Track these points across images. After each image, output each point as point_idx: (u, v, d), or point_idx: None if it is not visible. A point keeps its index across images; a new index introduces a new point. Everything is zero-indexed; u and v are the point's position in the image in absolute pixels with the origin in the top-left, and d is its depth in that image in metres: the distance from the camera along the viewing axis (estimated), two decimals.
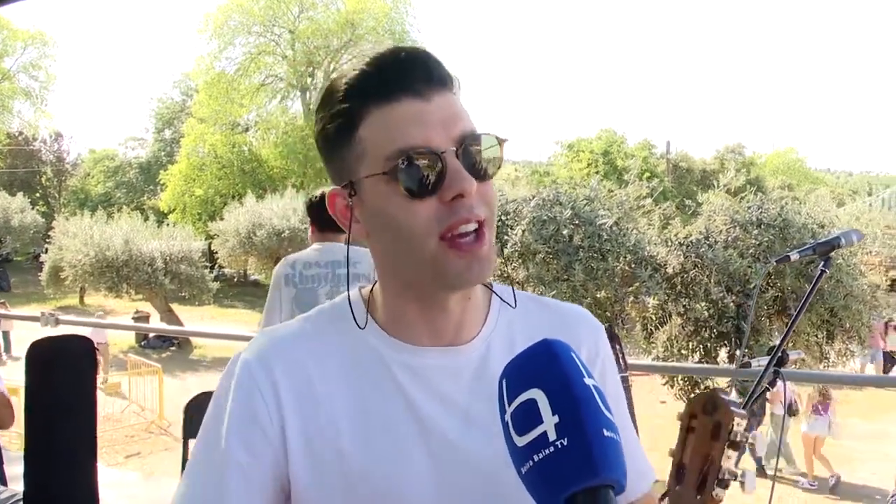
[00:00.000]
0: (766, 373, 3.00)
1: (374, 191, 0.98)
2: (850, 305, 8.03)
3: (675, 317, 8.21)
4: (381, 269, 1.07)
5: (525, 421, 0.76)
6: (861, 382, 10.69)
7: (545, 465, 0.73)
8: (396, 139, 0.95)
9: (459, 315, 1.06)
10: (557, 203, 8.29)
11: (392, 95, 0.96)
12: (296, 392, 1.01)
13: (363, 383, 1.03)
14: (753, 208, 8.57)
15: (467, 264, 0.96)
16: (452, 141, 0.96)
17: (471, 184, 0.94)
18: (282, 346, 1.06)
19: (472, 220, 0.96)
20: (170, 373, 15.82)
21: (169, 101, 45.99)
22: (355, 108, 0.98)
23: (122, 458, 10.99)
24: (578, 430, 0.73)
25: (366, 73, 0.98)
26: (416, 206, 0.95)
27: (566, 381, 0.77)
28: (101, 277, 20.59)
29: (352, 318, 1.07)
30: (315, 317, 1.12)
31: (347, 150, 1.00)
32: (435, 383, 1.03)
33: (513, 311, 1.13)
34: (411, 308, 1.05)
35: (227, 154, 36.09)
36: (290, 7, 36.67)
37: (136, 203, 40.59)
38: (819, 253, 3.07)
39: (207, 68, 37.03)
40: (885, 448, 12.01)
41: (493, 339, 1.09)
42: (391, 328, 1.06)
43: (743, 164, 36.06)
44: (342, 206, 1.04)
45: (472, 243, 0.97)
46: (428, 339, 1.05)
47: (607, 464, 0.73)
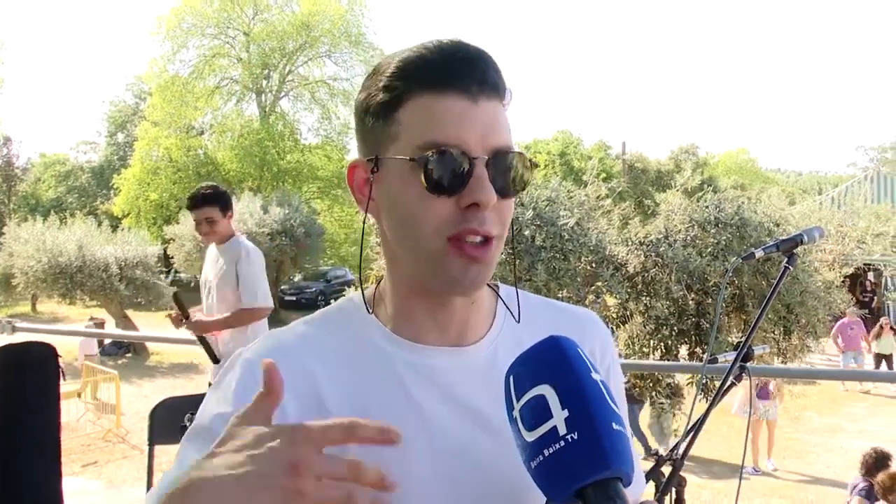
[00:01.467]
0: (733, 368, 3.08)
1: (397, 174, 0.97)
2: (807, 302, 8.20)
3: (636, 315, 8.31)
4: (390, 258, 1.06)
5: (535, 416, 0.78)
6: (823, 376, 10.93)
7: (556, 458, 0.75)
8: (433, 131, 0.94)
9: (465, 315, 1.06)
10: (519, 204, 8.33)
11: (441, 87, 0.95)
12: (299, 395, 0.99)
13: (368, 384, 1.02)
14: (711, 208, 8.70)
15: (465, 267, 0.96)
16: (486, 150, 0.95)
17: (490, 196, 0.93)
18: (285, 348, 1.04)
19: (480, 233, 0.95)
20: (126, 379, 15.56)
21: (122, 105, 45.41)
22: (402, 89, 0.97)
23: (78, 467, 10.78)
24: (588, 423, 0.75)
25: (424, 57, 0.97)
26: (432, 202, 0.94)
27: (575, 376, 0.79)
28: (55, 284, 20.16)
29: (356, 318, 1.08)
30: (319, 319, 1.11)
31: (383, 127, 0.99)
32: (441, 383, 1.02)
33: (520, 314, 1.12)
34: (417, 305, 1.04)
35: (182, 157, 35.64)
36: (245, 9, 36.32)
37: (89, 208, 40.00)
38: (783, 250, 3.15)
39: (161, 71, 36.53)
40: (839, 441, 12.26)
41: (500, 342, 1.08)
42: (397, 326, 1.06)
43: (697, 164, 36.61)
44: (362, 178, 1.03)
45: (476, 248, 0.96)
46: (434, 339, 1.05)
47: (617, 456, 0.75)
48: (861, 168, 46.60)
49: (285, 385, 0.96)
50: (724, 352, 3.26)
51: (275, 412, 0.95)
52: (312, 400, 1.00)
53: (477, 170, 0.94)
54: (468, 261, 0.95)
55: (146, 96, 40.86)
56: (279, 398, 0.81)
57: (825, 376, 10.70)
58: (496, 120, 0.97)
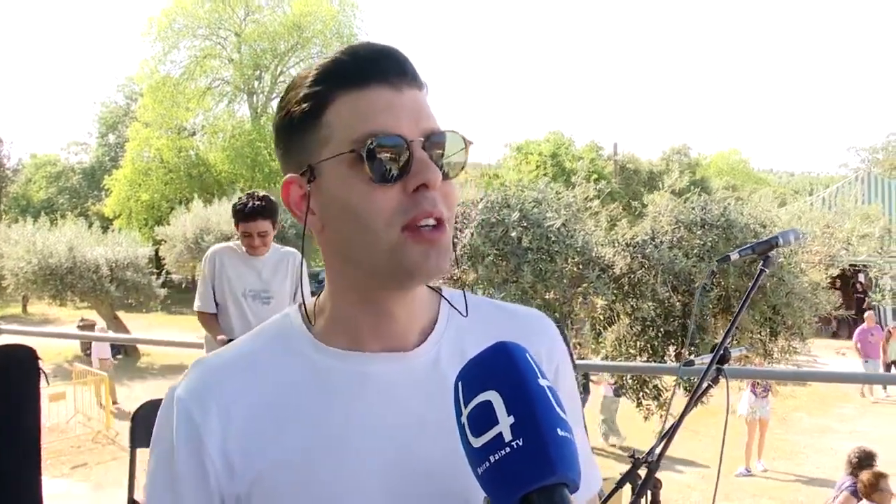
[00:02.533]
0: (708, 370, 3.08)
1: (336, 175, 0.96)
2: (792, 303, 8.20)
3: (622, 317, 8.31)
4: (332, 268, 1.04)
5: (481, 422, 0.78)
6: (804, 378, 10.95)
7: (501, 465, 0.75)
8: (365, 123, 0.94)
9: (406, 319, 1.04)
10: (506, 205, 8.33)
11: (364, 82, 0.95)
12: (238, 424, 0.97)
13: (306, 401, 0.99)
14: (697, 209, 8.71)
15: (425, 252, 0.94)
16: (420, 133, 0.95)
17: (436, 174, 0.94)
18: (218, 377, 1.01)
19: (433, 214, 0.94)
20: (117, 381, 15.52)
21: (113, 106, 45.30)
22: (324, 92, 0.96)
23: (67, 469, 10.75)
24: (534, 430, 0.75)
25: (339, 59, 0.97)
26: (378, 193, 0.93)
27: (521, 382, 0.79)
28: (45, 285, 20.08)
29: (292, 334, 1.06)
30: (253, 338, 1.08)
31: (311, 134, 0.98)
32: (381, 391, 1.00)
33: (465, 317, 1.10)
34: (356, 312, 1.02)
35: (174, 158, 35.61)
36: (236, 10, 36.31)
37: (80, 209, 39.85)
38: (758, 252, 3.16)
39: (152, 72, 36.49)
40: (829, 442, 12.30)
41: (443, 344, 1.06)
42: (336, 336, 1.03)
43: (688, 165, 36.68)
44: (298, 195, 1.01)
45: (432, 231, 0.95)
46: (375, 345, 1.03)
47: (562, 462, 0.75)
48: (853, 169, 46.71)
49: (220, 417, 0.97)
50: (709, 353, 3.25)
51: (212, 453, 0.96)
52: (252, 426, 0.98)
53: (417, 152, 0.94)
54: (427, 246, 0.94)
55: (137, 97, 40.79)
56: None
57: (806, 378, 10.71)
58: (422, 105, 0.98)
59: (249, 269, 4.89)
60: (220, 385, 1.00)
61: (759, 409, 10.82)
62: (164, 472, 0.99)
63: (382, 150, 0.92)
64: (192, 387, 1.01)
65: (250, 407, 0.98)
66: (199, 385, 1.00)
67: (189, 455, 0.97)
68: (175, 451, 0.98)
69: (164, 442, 1.00)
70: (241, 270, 4.89)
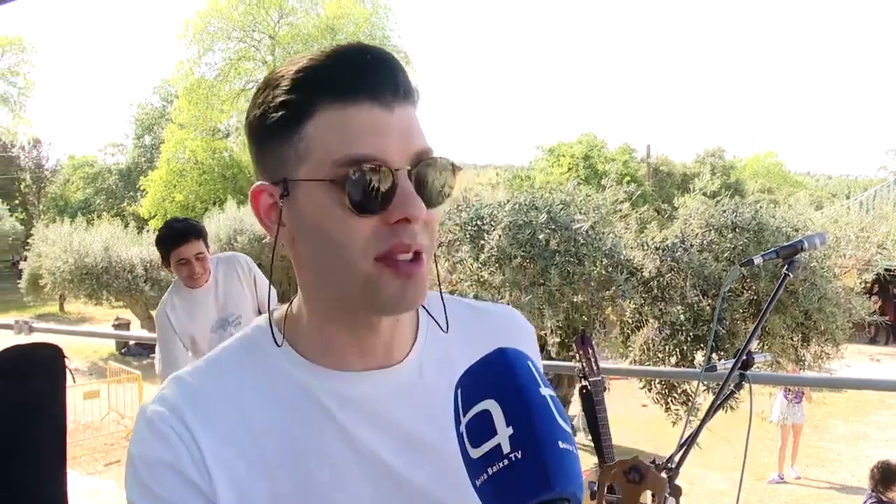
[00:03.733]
0: (730, 375, 3.04)
1: (312, 197, 0.89)
2: (825, 308, 8.06)
3: (651, 320, 8.23)
4: (305, 282, 0.98)
5: (479, 432, 0.75)
6: (831, 385, 10.78)
7: (499, 478, 0.72)
8: (350, 146, 0.86)
9: (390, 334, 1.00)
10: (533, 208, 8.29)
11: (352, 97, 0.87)
12: (218, 444, 0.92)
13: (290, 420, 0.95)
14: (728, 212, 8.61)
15: (401, 287, 0.90)
16: (408, 158, 0.89)
17: (420, 210, 0.88)
18: (194, 395, 0.95)
19: (412, 248, 0.89)
20: (150, 380, 15.67)
21: (149, 107, 45.88)
22: (305, 101, 0.88)
23: (101, 466, 10.90)
24: (533, 442, 0.72)
25: (324, 65, 0.89)
26: (356, 222, 0.87)
27: (520, 391, 0.76)
28: (81, 285, 20.37)
29: (268, 350, 0.99)
30: (228, 355, 1.01)
31: (287, 145, 0.90)
32: (369, 409, 0.97)
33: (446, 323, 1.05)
34: (337, 329, 0.97)
35: (208, 160, 35.94)
36: (270, 13, 36.54)
37: (116, 209, 40.45)
38: (782, 256, 3.12)
39: (187, 74, 36.84)
40: (864, 450, 12.12)
41: (425, 356, 1.03)
42: (314, 353, 0.98)
43: (723, 167, 36.30)
44: (268, 204, 0.94)
45: (409, 264, 0.90)
46: (357, 363, 0.98)
47: (562, 477, 0.72)
48: (892, 171, 45.89)
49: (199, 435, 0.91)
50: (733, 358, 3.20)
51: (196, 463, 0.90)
52: (232, 447, 0.93)
53: (401, 183, 0.88)
54: (404, 280, 0.90)
55: (173, 99, 41.26)
56: None
57: (834, 384, 10.51)
58: (412, 125, 0.91)
59: (202, 302, 4.29)
60: (198, 401, 0.94)
61: (791, 414, 10.69)
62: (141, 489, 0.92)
63: (364, 178, 0.86)
64: (169, 402, 0.94)
65: (235, 431, 0.93)
66: (178, 401, 0.94)
67: (166, 470, 0.90)
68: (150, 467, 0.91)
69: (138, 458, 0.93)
70: (194, 310, 4.28)
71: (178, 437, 0.91)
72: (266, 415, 0.95)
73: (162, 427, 0.92)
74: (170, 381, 0.98)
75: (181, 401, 0.94)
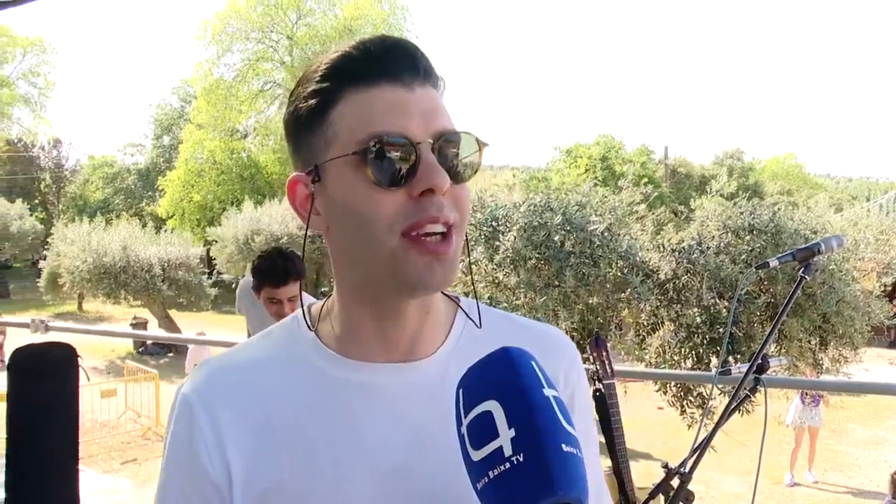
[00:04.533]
0: (745, 379, 3.01)
1: (339, 176, 0.92)
2: (843, 311, 8.00)
3: (667, 323, 8.19)
4: (338, 271, 1.00)
5: (481, 434, 0.74)
6: (849, 389, 10.70)
7: (501, 481, 0.71)
8: (371, 124, 0.89)
9: (417, 327, 0.99)
10: (548, 209, 8.26)
11: (373, 79, 0.91)
12: (238, 427, 0.96)
13: (307, 410, 0.96)
14: (746, 214, 8.55)
15: (428, 265, 0.90)
16: (430, 134, 0.90)
17: (444, 179, 0.88)
18: (222, 378, 1.00)
19: (440, 220, 0.89)
20: (167, 379, 15.79)
21: (167, 108, 46.14)
22: (331, 89, 0.92)
23: (118, 464, 10.98)
24: (535, 445, 0.71)
25: (348, 54, 0.93)
26: (382, 196, 0.89)
27: (523, 392, 0.74)
28: (99, 284, 20.55)
29: (298, 338, 1.03)
30: (259, 341, 1.06)
31: (317, 133, 0.94)
32: (386, 402, 0.96)
33: (479, 328, 1.05)
34: (363, 318, 0.99)
35: (226, 160, 36.12)
36: (288, 13, 36.68)
37: (135, 209, 40.74)
38: (799, 259, 3.08)
39: (206, 74, 37.06)
40: (883, 454, 12.03)
41: (453, 357, 1.01)
42: (341, 344, 1.00)
43: (741, 169, 36.13)
44: (303, 194, 0.98)
45: (438, 244, 0.90)
46: (381, 354, 0.99)
47: (566, 481, 0.70)
48: None
49: (222, 418, 0.96)
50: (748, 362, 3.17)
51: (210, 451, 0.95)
52: (251, 431, 0.96)
53: (424, 154, 0.89)
54: (431, 258, 0.90)
55: (191, 99, 41.48)
56: None
57: (851, 388, 10.42)
58: (434, 104, 0.93)
59: (257, 312, 4.28)
60: (225, 384, 0.99)
61: (807, 418, 10.60)
62: (172, 469, 0.99)
63: (387, 152, 0.88)
64: (197, 385, 1.00)
65: (253, 418, 0.97)
66: (204, 386, 0.99)
67: (191, 453, 0.96)
68: (179, 449, 0.98)
69: (171, 439, 1.00)
70: (251, 307, 4.38)
71: (199, 423, 0.96)
72: (285, 404, 0.97)
73: (186, 412, 0.98)
74: (202, 365, 1.04)
75: (208, 387, 0.99)
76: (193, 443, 0.96)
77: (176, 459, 0.98)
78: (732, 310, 6.59)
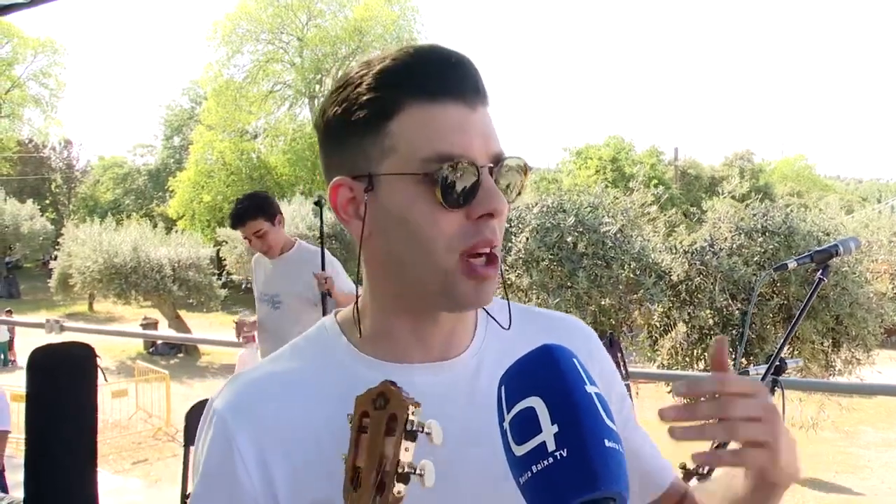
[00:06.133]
0: (763, 381, 2.99)
1: (399, 191, 0.91)
2: (856, 313, 7.98)
3: (679, 324, 8.18)
4: (374, 276, 1.00)
5: (524, 430, 0.75)
6: (862, 391, 10.64)
7: (544, 476, 0.72)
8: (437, 142, 0.89)
9: (450, 329, 1.01)
10: (561, 210, 8.27)
11: (438, 96, 0.90)
12: (281, 441, 0.95)
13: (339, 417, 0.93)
14: (758, 216, 8.54)
15: (475, 288, 0.92)
16: (489, 157, 0.92)
17: (503, 204, 0.91)
18: (259, 392, 0.99)
19: (493, 243, 0.92)
20: (177, 379, 15.86)
21: (178, 109, 46.32)
22: (392, 98, 0.91)
23: (129, 464, 11.01)
24: (578, 440, 0.72)
25: (408, 64, 0.92)
26: (443, 216, 0.90)
27: (566, 388, 0.75)
28: (110, 284, 20.63)
29: (330, 345, 1.03)
30: (291, 352, 1.05)
31: (371, 140, 0.92)
32: (426, 402, 0.92)
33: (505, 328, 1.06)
34: (400, 321, 0.99)
35: (236, 161, 36.18)
36: (298, 15, 36.81)
37: (145, 210, 40.86)
38: (817, 261, 3.05)
39: (216, 75, 37.19)
40: (895, 456, 11.98)
41: (484, 352, 1.04)
42: (376, 347, 1.00)
43: (752, 171, 36.02)
44: (346, 198, 0.97)
45: (485, 267, 0.92)
46: (416, 355, 1.00)
47: (608, 476, 0.71)
48: None
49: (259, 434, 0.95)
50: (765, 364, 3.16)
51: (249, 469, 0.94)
52: (290, 445, 0.95)
53: (485, 178, 0.90)
54: (479, 280, 0.92)
55: (201, 100, 41.63)
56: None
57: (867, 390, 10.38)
58: (492, 127, 0.95)
59: (263, 272, 4.68)
60: (265, 402, 0.98)
61: None
62: (210, 487, 0.98)
63: (454, 174, 0.89)
64: (232, 401, 0.99)
65: (297, 431, 0.96)
66: (241, 402, 0.98)
67: (230, 471, 0.95)
68: (216, 467, 0.97)
69: (203, 453, 0.99)
70: (258, 274, 4.73)
71: (237, 441, 0.95)
72: (327, 412, 0.96)
73: (222, 429, 0.97)
74: (234, 379, 1.03)
75: (245, 402, 0.98)
76: (231, 461, 0.95)
77: (213, 477, 0.97)
78: (749, 312, 6.57)
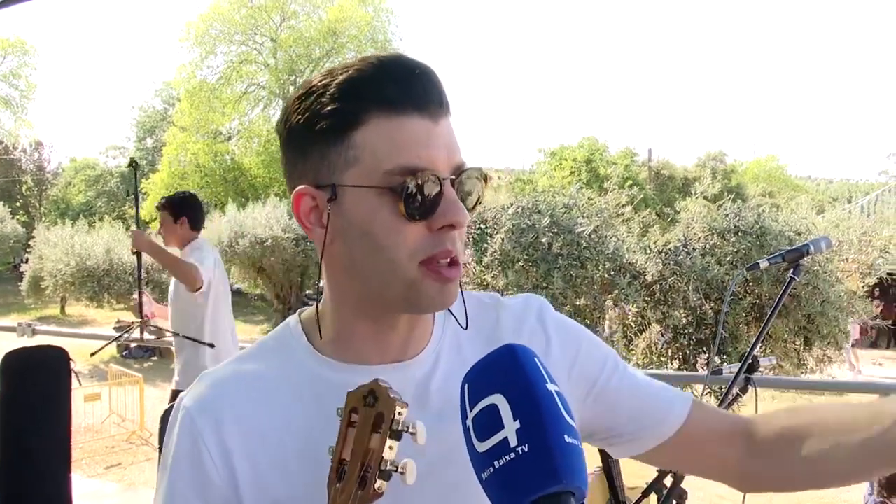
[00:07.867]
0: (736, 379, 3.04)
1: (362, 202, 0.93)
2: (827, 312, 8.08)
3: (654, 324, 8.24)
4: (336, 281, 1.02)
5: (486, 426, 0.76)
6: (835, 388, 10.77)
7: (506, 471, 0.73)
8: (401, 156, 0.91)
9: (409, 330, 1.04)
10: (536, 211, 8.31)
11: (402, 108, 0.92)
12: (244, 437, 0.98)
13: (310, 415, 0.99)
14: (731, 216, 8.63)
15: (440, 289, 0.95)
16: (451, 169, 0.94)
17: (465, 216, 0.93)
18: (224, 389, 1.02)
19: (452, 254, 0.94)
20: (151, 383, 15.68)
21: (150, 110, 45.96)
22: (355, 110, 0.92)
23: (102, 468, 10.88)
24: (539, 436, 0.73)
25: (372, 75, 0.93)
26: (406, 227, 0.92)
27: (528, 386, 0.77)
28: (83, 287, 20.43)
29: (293, 346, 1.06)
30: (256, 352, 1.08)
31: (334, 151, 0.93)
32: None
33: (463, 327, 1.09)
34: (360, 326, 1.02)
35: (210, 163, 35.90)
36: (272, 16, 36.59)
37: (118, 212, 40.44)
38: (788, 260, 3.10)
39: (189, 77, 36.86)
40: None
41: (441, 350, 1.06)
42: (336, 349, 1.03)
43: (724, 171, 36.30)
44: (309, 206, 0.98)
45: (448, 269, 0.94)
46: (374, 357, 1.02)
47: (569, 470, 0.72)
48: (893, 176, 45.85)
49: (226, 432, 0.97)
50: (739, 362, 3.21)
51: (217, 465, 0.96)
52: (256, 443, 0.98)
53: (447, 190, 0.92)
54: (444, 282, 0.94)
55: (175, 102, 41.31)
56: None
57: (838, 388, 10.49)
58: (453, 137, 0.96)
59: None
60: (228, 398, 1.00)
61: None
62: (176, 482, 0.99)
63: (418, 186, 0.90)
64: (200, 398, 1.01)
65: (259, 427, 0.99)
66: (206, 398, 1.01)
67: (197, 465, 0.98)
68: (183, 461, 0.99)
69: (172, 447, 1.01)
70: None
71: (203, 435, 0.98)
72: (289, 412, 0.99)
73: (188, 424, 0.99)
74: (202, 378, 1.05)
75: (210, 398, 1.01)
76: (199, 455, 0.97)
77: (180, 472, 0.99)
78: (723, 311, 6.64)
